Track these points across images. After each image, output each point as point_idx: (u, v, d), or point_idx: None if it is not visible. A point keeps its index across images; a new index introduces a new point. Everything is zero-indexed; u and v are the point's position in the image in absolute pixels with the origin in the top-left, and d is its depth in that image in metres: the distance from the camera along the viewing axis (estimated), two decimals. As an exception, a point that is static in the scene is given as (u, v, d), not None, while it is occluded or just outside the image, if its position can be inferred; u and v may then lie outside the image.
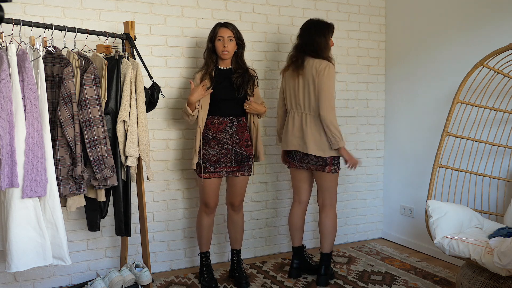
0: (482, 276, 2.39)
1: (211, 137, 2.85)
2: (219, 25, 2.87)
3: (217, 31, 2.84)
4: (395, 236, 3.94)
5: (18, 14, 2.71)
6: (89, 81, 2.37)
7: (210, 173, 2.84)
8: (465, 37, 3.27)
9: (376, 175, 4.03)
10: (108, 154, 2.43)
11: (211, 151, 2.84)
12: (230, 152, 2.86)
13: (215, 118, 2.86)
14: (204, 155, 2.84)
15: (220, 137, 2.85)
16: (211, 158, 2.84)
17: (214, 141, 2.85)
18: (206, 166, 2.83)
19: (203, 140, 2.85)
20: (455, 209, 2.62)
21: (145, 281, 2.69)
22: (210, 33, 2.89)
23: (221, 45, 2.83)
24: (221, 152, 2.85)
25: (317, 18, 2.97)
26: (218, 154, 2.85)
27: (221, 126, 2.86)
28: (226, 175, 2.91)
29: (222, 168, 2.86)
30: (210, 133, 2.85)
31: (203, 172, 2.83)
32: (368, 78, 3.93)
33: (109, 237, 3.09)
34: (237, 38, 2.87)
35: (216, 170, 2.85)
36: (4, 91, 2.03)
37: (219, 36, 2.83)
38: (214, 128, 2.85)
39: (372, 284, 2.99)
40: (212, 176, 2.85)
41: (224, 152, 2.85)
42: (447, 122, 2.79)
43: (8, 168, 2.05)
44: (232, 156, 2.87)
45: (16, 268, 2.14)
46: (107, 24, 2.94)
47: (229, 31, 2.84)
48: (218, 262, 3.42)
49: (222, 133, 2.85)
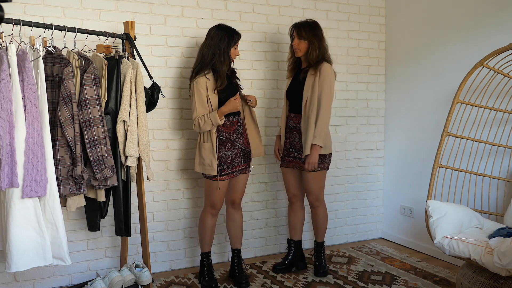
0: (482, 276, 2.39)
1: (225, 139, 2.86)
2: (237, 34, 2.87)
3: (237, 39, 2.86)
4: (395, 236, 3.93)
5: (18, 14, 2.70)
6: (89, 81, 2.37)
7: (226, 174, 2.86)
8: (465, 37, 3.27)
9: (376, 175, 4.03)
10: (108, 154, 2.43)
11: (227, 152, 2.86)
12: (239, 151, 2.89)
13: (225, 120, 2.86)
14: (221, 157, 2.84)
15: (233, 137, 2.87)
16: (227, 160, 2.86)
17: (229, 142, 2.86)
18: (224, 168, 2.84)
19: (219, 143, 2.84)
20: (455, 209, 2.62)
21: (145, 281, 2.69)
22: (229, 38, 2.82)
23: (236, 52, 2.89)
24: (234, 152, 2.88)
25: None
26: (232, 154, 2.87)
27: (233, 126, 2.88)
28: (238, 174, 2.92)
29: (235, 167, 2.89)
30: (224, 135, 2.85)
31: (221, 175, 2.83)
32: (368, 78, 3.92)
33: (109, 237, 3.09)
34: None
35: (232, 170, 2.88)
36: (4, 91, 2.03)
37: (237, 45, 2.89)
38: (227, 130, 2.86)
39: (372, 284, 2.99)
40: (228, 178, 2.88)
41: (236, 151, 2.88)
42: (447, 122, 2.79)
43: (8, 168, 2.05)
44: (241, 154, 2.90)
45: (16, 268, 2.14)
46: (107, 24, 2.94)
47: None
48: (218, 262, 3.42)
49: (235, 133, 2.88)
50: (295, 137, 3.05)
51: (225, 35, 2.83)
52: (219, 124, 2.76)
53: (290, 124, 3.07)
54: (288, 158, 3.10)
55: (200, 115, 2.78)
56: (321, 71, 2.91)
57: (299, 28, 2.97)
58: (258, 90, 3.48)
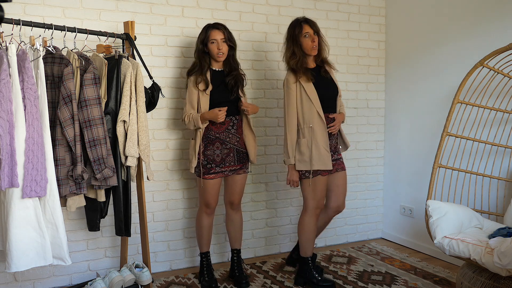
0: (482, 276, 2.39)
1: (214, 138, 2.85)
2: (211, 27, 2.83)
3: (209, 34, 2.81)
4: (395, 236, 3.93)
5: (18, 14, 2.71)
6: (89, 81, 2.37)
7: (215, 173, 2.85)
8: (465, 37, 3.27)
9: (376, 175, 4.03)
10: (108, 154, 2.43)
11: (216, 151, 2.85)
12: (232, 151, 2.88)
13: None
14: (209, 156, 2.84)
15: (223, 136, 2.86)
16: (216, 159, 2.85)
17: (218, 141, 2.85)
18: (212, 166, 2.84)
19: (206, 141, 2.85)
20: (455, 209, 2.62)
21: (145, 281, 2.69)
22: (201, 35, 2.84)
23: (216, 47, 2.81)
24: (224, 151, 2.86)
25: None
26: (222, 153, 2.86)
27: (224, 126, 2.86)
28: (230, 174, 2.92)
29: (226, 167, 2.88)
30: (213, 134, 2.85)
31: (209, 173, 2.84)
32: (368, 78, 3.93)
33: (109, 237, 3.09)
34: (228, 40, 2.85)
35: (222, 170, 2.87)
36: (4, 91, 2.03)
37: (212, 39, 2.81)
38: (216, 129, 2.85)
39: (372, 284, 2.99)
40: (217, 176, 2.87)
41: (227, 151, 2.87)
42: (447, 122, 2.79)
43: (8, 168, 2.05)
44: (235, 154, 2.89)
45: (16, 268, 2.14)
46: (107, 24, 2.94)
47: (221, 33, 2.82)
48: (218, 262, 3.42)
49: (225, 133, 2.86)
50: (332, 139, 2.92)
51: (202, 31, 2.85)
52: (200, 127, 2.78)
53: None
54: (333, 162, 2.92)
55: (188, 113, 2.83)
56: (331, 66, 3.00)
57: (313, 24, 2.85)
58: (258, 90, 3.48)
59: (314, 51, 2.85)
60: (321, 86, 2.85)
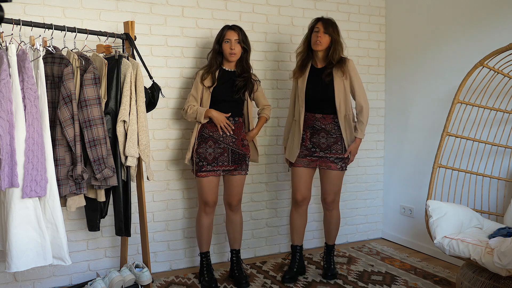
0: (482, 276, 2.39)
1: (207, 136, 2.87)
2: (227, 27, 2.90)
3: (225, 33, 2.88)
4: (395, 236, 3.93)
5: (18, 14, 2.71)
6: (89, 81, 2.37)
7: (207, 171, 2.87)
8: (465, 37, 3.27)
9: (376, 175, 4.03)
10: (108, 154, 2.43)
11: (208, 149, 2.87)
12: (226, 151, 2.88)
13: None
14: (201, 153, 2.86)
15: (217, 136, 2.87)
16: (208, 157, 2.86)
17: (211, 140, 2.87)
18: (203, 164, 2.85)
19: (200, 139, 2.88)
20: (455, 209, 2.62)
21: (145, 281, 2.69)
22: (218, 35, 2.92)
23: (228, 47, 2.86)
24: (217, 151, 2.87)
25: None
26: (215, 152, 2.87)
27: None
28: (223, 174, 2.93)
29: (219, 166, 2.88)
30: (207, 132, 2.87)
31: (200, 171, 2.86)
32: (368, 78, 3.92)
33: (109, 237, 3.09)
34: (242, 42, 2.89)
35: (213, 168, 2.87)
36: (4, 91, 2.03)
37: (227, 39, 2.86)
38: (210, 127, 2.88)
39: (372, 284, 2.99)
40: (209, 175, 2.87)
41: (221, 151, 2.87)
42: (447, 122, 2.79)
43: (8, 168, 2.05)
44: (229, 155, 2.89)
45: (16, 268, 2.14)
46: (107, 24, 2.94)
47: (236, 34, 2.87)
48: (218, 262, 3.42)
49: (219, 132, 2.87)
50: (321, 138, 2.96)
51: (219, 31, 2.93)
52: (200, 121, 2.86)
53: (316, 125, 2.96)
54: (311, 157, 2.99)
55: (191, 104, 2.90)
56: (349, 68, 2.94)
57: (326, 23, 2.90)
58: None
59: (316, 45, 2.90)
60: (311, 88, 2.97)
